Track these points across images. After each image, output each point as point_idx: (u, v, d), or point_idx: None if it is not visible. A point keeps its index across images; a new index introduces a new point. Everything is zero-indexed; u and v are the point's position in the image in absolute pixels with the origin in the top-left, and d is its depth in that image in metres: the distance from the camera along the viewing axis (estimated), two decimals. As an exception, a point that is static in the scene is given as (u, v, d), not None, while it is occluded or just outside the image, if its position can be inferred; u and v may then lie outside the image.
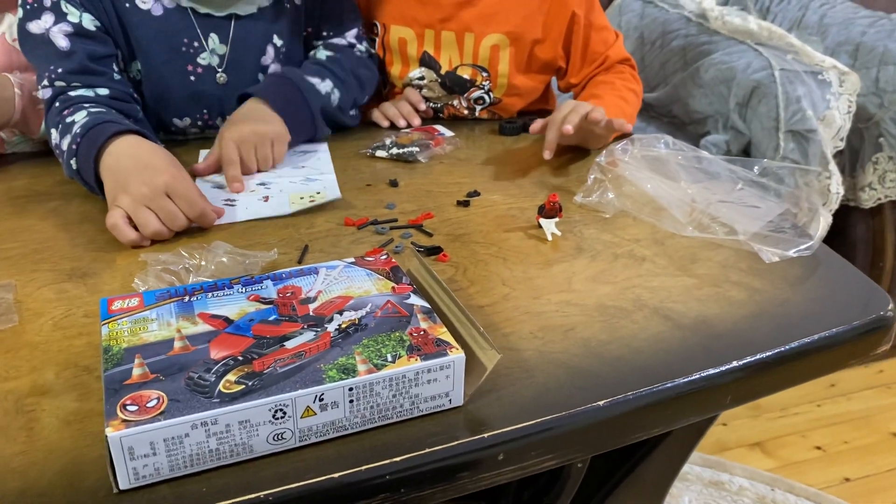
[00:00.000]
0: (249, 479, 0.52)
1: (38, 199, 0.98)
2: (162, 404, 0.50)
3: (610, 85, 1.23)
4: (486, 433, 0.56)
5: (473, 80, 1.25)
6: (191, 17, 1.07)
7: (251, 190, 0.99)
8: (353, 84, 1.19)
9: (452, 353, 0.56)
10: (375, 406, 0.55)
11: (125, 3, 1.04)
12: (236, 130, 1.00)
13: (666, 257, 0.82)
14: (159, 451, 0.50)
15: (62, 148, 0.95)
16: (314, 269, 0.68)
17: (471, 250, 0.83)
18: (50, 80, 1.00)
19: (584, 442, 0.60)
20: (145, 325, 0.58)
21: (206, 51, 1.09)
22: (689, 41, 1.94)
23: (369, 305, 0.62)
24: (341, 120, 1.18)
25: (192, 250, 0.76)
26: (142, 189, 0.83)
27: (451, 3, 1.21)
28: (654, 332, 0.68)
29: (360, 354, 0.56)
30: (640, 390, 0.61)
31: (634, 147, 0.96)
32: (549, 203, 0.85)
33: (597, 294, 0.74)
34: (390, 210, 0.94)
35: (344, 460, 0.53)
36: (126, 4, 1.04)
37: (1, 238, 0.86)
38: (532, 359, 0.64)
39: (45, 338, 0.67)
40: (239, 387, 0.52)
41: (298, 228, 0.88)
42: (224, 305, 0.62)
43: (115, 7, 1.03)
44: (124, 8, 1.04)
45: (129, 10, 1.04)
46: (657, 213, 0.89)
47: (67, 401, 0.59)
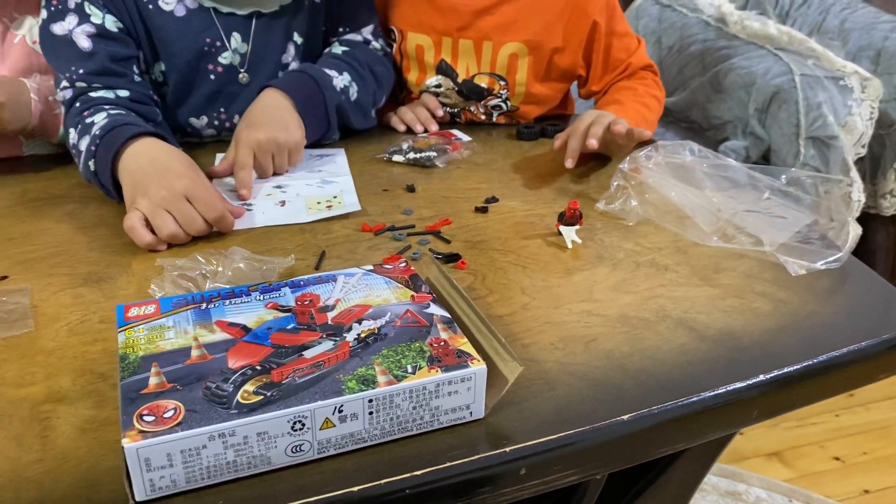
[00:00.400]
0: (267, 491, 0.51)
1: (55, 202, 0.97)
2: (179, 415, 0.49)
3: (632, 91, 1.22)
4: (508, 447, 0.55)
5: (491, 89, 1.24)
6: (213, 16, 1.07)
7: (267, 194, 0.98)
8: (371, 80, 1.18)
9: (474, 365, 0.55)
10: (395, 418, 0.54)
11: (148, 5, 1.03)
12: (253, 136, 1.00)
13: (689, 267, 0.80)
14: (176, 463, 0.49)
15: (80, 148, 0.94)
16: (332, 277, 0.67)
17: (489, 258, 0.82)
18: (71, 80, 1.00)
19: (607, 457, 0.59)
20: (162, 333, 0.58)
21: (228, 50, 1.08)
22: (707, 46, 1.92)
23: (388, 314, 0.61)
24: (358, 118, 1.17)
25: (209, 256, 0.75)
26: (161, 192, 0.82)
27: (470, 11, 1.20)
28: (678, 344, 0.67)
29: (379, 365, 0.55)
30: (665, 404, 0.59)
31: (658, 154, 0.94)
32: (569, 210, 0.84)
33: (619, 304, 0.73)
34: (407, 216, 0.93)
35: (363, 473, 0.52)
36: (149, 6, 1.03)
37: (17, 241, 0.86)
38: (553, 370, 0.63)
39: (61, 343, 0.66)
40: (257, 397, 0.51)
41: (315, 234, 0.88)
42: (242, 313, 0.61)
43: (139, 9, 1.03)
44: (147, 10, 1.03)
45: (152, 12, 1.04)
46: (681, 222, 0.87)
47: (83, 408, 0.58)
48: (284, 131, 1.02)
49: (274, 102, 1.04)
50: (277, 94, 1.05)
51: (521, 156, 1.13)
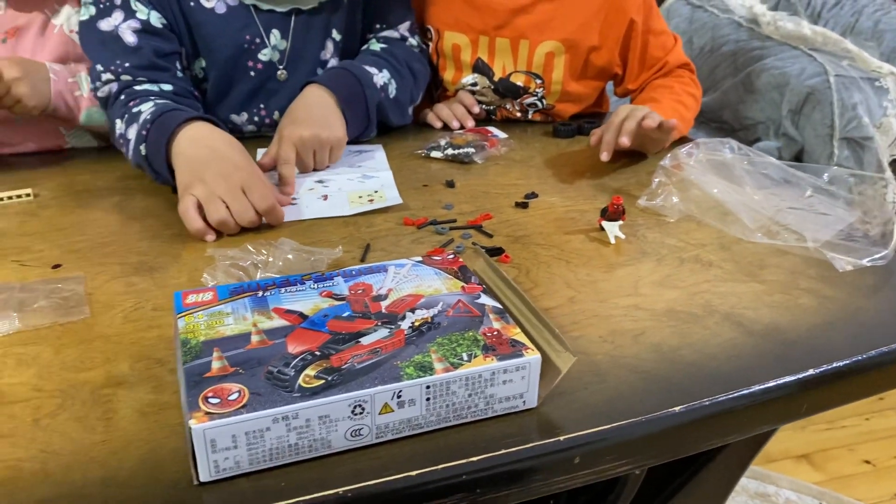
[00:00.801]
0: (326, 475, 0.51)
1: (101, 193, 0.99)
2: (243, 397, 0.50)
3: (668, 89, 1.22)
4: (562, 436, 0.55)
5: (527, 87, 1.24)
6: (253, 13, 1.08)
7: (310, 188, 0.99)
8: (409, 77, 1.19)
9: (528, 354, 0.56)
10: (451, 405, 0.55)
11: (189, 2, 1.05)
12: (297, 133, 1.01)
13: (733, 263, 0.80)
14: (240, 445, 0.50)
15: (128, 137, 0.96)
16: (383, 267, 0.68)
17: (532, 252, 0.83)
18: (116, 73, 1.01)
19: (659, 447, 0.59)
20: (221, 319, 0.59)
21: (268, 47, 1.10)
22: (739, 46, 1.91)
23: (440, 304, 0.62)
24: (396, 115, 1.18)
25: (259, 246, 0.76)
26: (219, 182, 0.84)
27: (506, 10, 1.20)
28: (726, 339, 0.67)
29: (435, 352, 0.55)
30: (716, 397, 0.59)
31: (699, 151, 0.94)
32: (612, 206, 0.84)
33: (665, 299, 0.73)
34: (448, 210, 0.93)
35: (420, 459, 0.53)
36: (191, 3, 1.05)
37: (67, 231, 0.88)
38: (603, 363, 0.63)
39: (117, 330, 0.68)
40: (319, 381, 0.52)
41: (359, 227, 0.89)
42: (297, 301, 0.62)
43: (181, 5, 1.05)
44: (189, 6, 1.05)
45: (193, 9, 1.05)
46: (723, 218, 0.87)
47: (142, 392, 0.59)
48: (327, 128, 1.03)
49: (317, 99, 1.06)
50: (321, 90, 1.06)
51: (559, 153, 1.13)
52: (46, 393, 0.59)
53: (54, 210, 0.94)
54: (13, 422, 0.56)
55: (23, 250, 0.83)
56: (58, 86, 1.06)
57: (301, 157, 1.01)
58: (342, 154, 1.07)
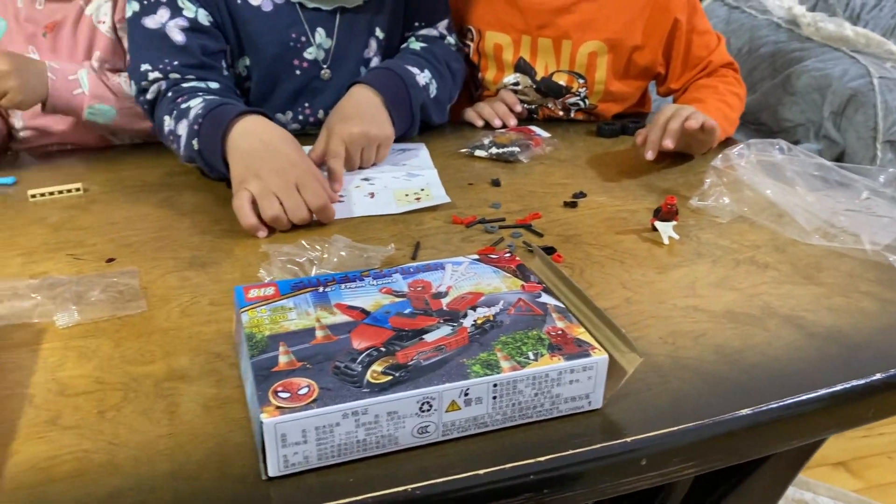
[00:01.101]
0: (393, 471, 0.51)
1: (149, 189, 1.00)
2: (313, 392, 0.50)
3: (712, 89, 1.20)
4: (629, 437, 0.54)
5: (569, 87, 1.23)
6: (299, 12, 1.08)
7: (356, 186, 0.99)
8: (448, 76, 1.19)
9: (595, 355, 0.55)
10: (517, 404, 0.54)
11: (236, 0, 1.05)
12: (347, 129, 1.01)
13: (789, 265, 0.79)
14: (310, 440, 0.49)
15: (178, 133, 0.96)
16: (440, 265, 0.67)
17: (584, 252, 0.82)
18: (164, 72, 1.02)
19: (726, 450, 0.58)
20: (284, 314, 0.59)
21: (313, 45, 1.10)
22: (778, 48, 1.89)
23: (501, 302, 0.61)
24: (436, 114, 1.18)
25: (314, 242, 0.76)
26: (274, 178, 0.84)
27: (549, 10, 1.19)
28: (788, 341, 0.66)
29: (500, 351, 0.55)
30: (783, 400, 0.58)
31: (750, 151, 0.93)
32: (665, 206, 0.83)
33: (723, 300, 0.72)
34: (496, 209, 0.93)
35: (486, 457, 0.52)
36: (237, 0, 1.05)
37: (119, 226, 0.88)
38: (665, 364, 0.63)
39: (175, 324, 0.68)
40: (386, 377, 0.52)
41: (409, 225, 0.88)
42: (358, 297, 0.61)
43: (228, 3, 1.05)
44: (235, 4, 1.05)
45: (240, 7, 1.05)
46: (778, 219, 0.86)
47: (205, 386, 0.59)
48: (377, 125, 1.03)
49: (365, 99, 1.06)
50: (368, 90, 1.06)
51: (604, 152, 1.12)
52: (109, 385, 0.60)
53: (104, 205, 0.95)
54: (79, 413, 0.56)
55: (76, 244, 0.83)
56: (56, 84, 1.06)
57: (349, 154, 1.01)
58: (388, 152, 1.07)
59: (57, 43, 1.12)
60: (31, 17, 1.11)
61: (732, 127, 1.19)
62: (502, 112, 1.23)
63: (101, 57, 1.12)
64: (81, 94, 1.08)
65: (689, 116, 1.01)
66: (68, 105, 1.08)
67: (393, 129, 1.06)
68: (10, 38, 1.12)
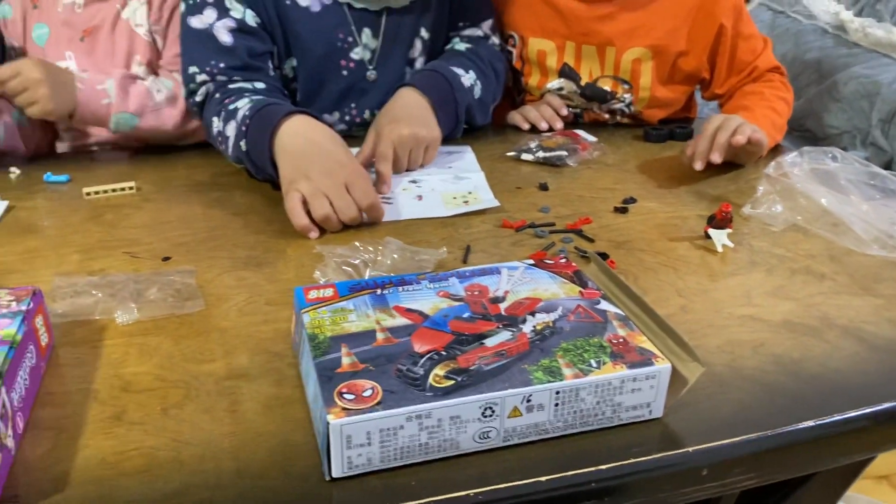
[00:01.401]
0: (455, 476, 0.51)
1: (200, 188, 1.01)
2: (377, 395, 0.50)
3: (759, 95, 1.19)
4: (690, 447, 0.54)
5: (614, 93, 1.22)
6: (346, 12, 1.09)
7: (403, 188, 1.00)
8: (492, 76, 1.19)
9: (658, 363, 0.55)
10: (578, 411, 0.54)
11: (285, 0, 1.06)
12: (396, 131, 1.01)
13: (846, 275, 0.78)
14: (374, 442, 0.50)
15: (226, 134, 0.97)
16: (496, 269, 0.67)
17: (637, 258, 0.81)
18: (211, 74, 1.03)
19: (788, 462, 0.57)
20: (345, 316, 0.59)
21: (359, 45, 1.10)
22: (825, 53, 1.86)
23: (560, 308, 0.61)
24: (480, 115, 1.17)
25: (367, 244, 0.77)
26: (324, 179, 0.84)
27: (592, 17, 1.18)
28: (849, 353, 0.65)
29: (562, 358, 0.55)
30: (848, 413, 0.58)
31: (803, 159, 0.92)
32: (720, 213, 0.82)
33: (780, 310, 0.71)
34: (545, 214, 0.93)
35: (547, 464, 0.52)
36: (286, 1, 1.06)
37: (173, 224, 0.89)
38: (724, 374, 0.62)
39: (233, 323, 0.69)
40: (449, 382, 0.52)
41: (458, 228, 0.88)
42: (416, 300, 0.62)
43: (276, 3, 1.06)
44: (284, 5, 1.06)
45: (288, 7, 1.06)
46: (834, 229, 0.85)
47: (265, 385, 0.60)
48: (425, 128, 1.04)
49: (413, 101, 1.06)
50: (415, 93, 1.06)
51: (652, 157, 1.12)
52: (171, 383, 0.60)
53: (157, 203, 0.96)
54: (143, 410, 0.57)
55: (132, 242, 0.85)
56: (84, 94, 1.07)
57: (397, 156, 1.01)
58: (436, 154, 1.08)
59: (94, 47, 1.13)
60: (70, 22, 1.13)
61: (781, 133, 1.18)
62: (548, 115, 1.22)
63: (141, 61, 1.14)
64: (109, 104, 1.09)
65: (737, 130, 1.00)
66: (95, 115, 1.09)
67: (440, 130, 1.06)
68: (51, 43, 1.13)
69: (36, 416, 0.57)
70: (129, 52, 1.14)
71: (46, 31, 1.14)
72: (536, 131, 1.22)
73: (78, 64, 1.13)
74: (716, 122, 1.03)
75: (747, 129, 1.00)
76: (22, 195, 0.99)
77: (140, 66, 1.14)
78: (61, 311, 0.69)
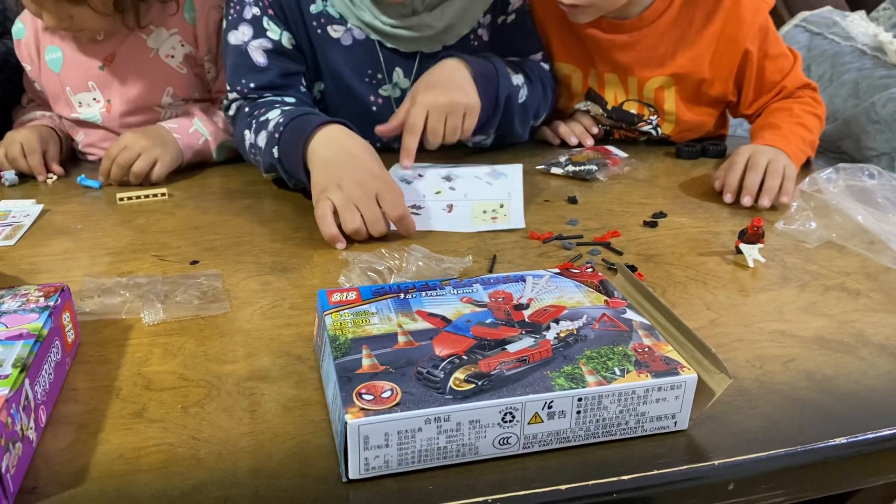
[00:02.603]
0: (473, 481, 0.50)
1: (232, 196, 1.02)
2: (396, 396, 0.50)
3: (787, 112, 1.14)
4: (717, 461, 0.52)
5: (641, 115, 1.21)
6: (377, 50, 1.09)
7: (436, 191, 0.99)
8: (539, 88, 1.17)
9: (684, 373, 0.53)
10: (601, 420, 0.53)
11: (317, 29, 1.06)
12: (431, 98, 0.98)
13: (882, 293, 0.76)
14: (391, 444, 0.49)
15: (258, 145, 0.98)
16: (521, 277, 0.67)
17: (666, 272, 0.80)
18: (241, 92, 1.04)
19: (818, 480, 0.55)
20: (367, 318, 0.59)
21: (389, 84, 1.11)
22: (863, 74, 1.83)
23: (585, 317, 0.60)
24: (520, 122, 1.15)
25: (392, 251, 0.77)
26: (355, 190, 0.84)
27: (610, 46, 1.16)
28: (884, 371, 0.63)
29: (585, 365, 0.54)
30: (880, 431, 0.56)
31: (839, 176, 0.90)
32: (752, 228, 0.81)
33: (813, 326, 0.69)
34: (573, 226, 0.92)
35: (567, 473, 0.51)
36: (318, 31, 1.06)
37: (202, 230, 0.90)
38: (753, 388, 0.60)
39: (256, 325, 0.69)
40: (469, 385, 0.51)
41: (485, 238, 0.88)
42: (439, 305, 0.61)
43: (309, 31, 1.06)
44: (316, 33, 1.07)
45: (321, 37, 1.07)
46: (869, 246, 0.83)
47: (285, 387, 0.60)
48: (463, 93, 1.00)
49: (453, 67, 1.03)
50: (457, 61, 1.04)
51: (684, 174, 1.10)
52: (193, 382, 0.61)
53: (188, 210, 0.97)
54: (164, 408, 0.57)
55: (161, 246, 0.86)
56: (184, 141, 1.09)
57: (433, 124, 0.98)
58: (475, 122, 1.03)
59: (116, 75, 1.12)
60: (88, 49, 1.12)
61: (812, 148, 1.14)
62: (579, 132, 1.22)
63: (175, 93, 1.14)
64: (206, 141, 1.12)
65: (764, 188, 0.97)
66: (200, 154, 1.12)
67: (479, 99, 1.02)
68: (67, 70, 1.13)
69: (58, 411, 0.57)
70: (159, 84, 1.14)
71: (60, 55, 1.13)
72: (566, 146, 1.21)
73: (103, 94, 1.13)
74: (745, 154, 1.01)
75: (774, 182, 0.97)
76: (57, 199, 1.01)
77: (171, 97, 1.14)
78: (89, 310, 0.70)
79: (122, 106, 1.13)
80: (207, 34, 1.14)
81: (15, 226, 0.91)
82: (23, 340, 0.55)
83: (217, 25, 1.14)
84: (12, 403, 0.49)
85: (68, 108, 1.14)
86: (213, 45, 1.15)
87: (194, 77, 1.16)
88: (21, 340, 0.55)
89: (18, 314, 0.59)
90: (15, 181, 1.07)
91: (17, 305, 0.60)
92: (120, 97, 1.12)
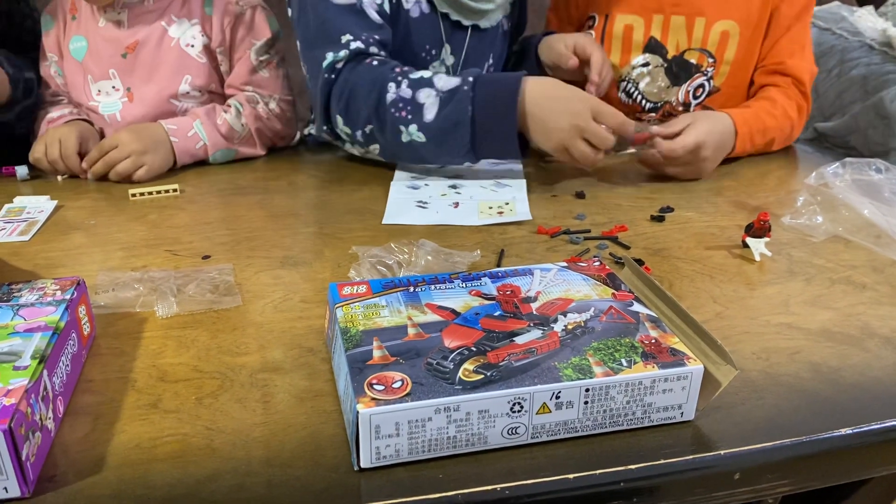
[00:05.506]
0: (482, 470, 0.51)
1: (242, 192, 1.03)
2: (407, 386, 0.51)
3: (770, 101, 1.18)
4: (722, 451, 0.53)
5: (699, 66, 1.22)
6: (440, 24, 1.10)
7: (442, 193, 1.00)
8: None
9: (691, 364, 0.54)
10: (608, 410, 0.54)
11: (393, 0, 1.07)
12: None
13: (889, 286, 0.76)
14: (402, 433, 0.50)
15: (418, 100, 0.97)
16: (529, 270, 0.67)
17: (673, 265, 0.81)
18: (367, 43, 1.02)
19: (823, 470, 0.56)
20: (377, 311, 0.60)
21: (438, 61, 1.12)
22: (871, 70, 1.83)
23: (592, 309, 0.61)
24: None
25: (402, 246, 0.78)
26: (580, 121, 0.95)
27: None
28: (890, 362, 0.64)
29: (593, 356, 0.55)
30: (885, 422, 0.56)
31: (845, 170, 0.91)
32: (758, 221, 0.81)
33: (819, 319, 0.70)
34: (581, 221, 0.92)
35: (575, 462, 0.52)
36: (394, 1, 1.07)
37: (214, 225, 0.91)
38: (759, 380, 0.61)
39: (268, 318, 0.70)
40: (478, 376, 0.52)
41: (492, 233, 0.89)
42: (448, 298, 0.62)
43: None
44: (393, 2, 1.07)
45: (395, 6, 1.07)
46: (876, 240, 0.83)
47: (297, 378, 0.61)
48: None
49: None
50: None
51: (691, 169, 1.11)
52: (206, 374, 0.62)
53: (199, 205, 0.98)
54: (178, 399, 0.58)
55: (174, 241, 0.87)
56: (180, 145, 1.11)
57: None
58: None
59: (138, 64, 1.14)
60: (112, 38, 1.13)
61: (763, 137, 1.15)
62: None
63: (193, 82, 1.15)
64: (203, 146, 1.13)
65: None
66: (195, 157, 1.14)
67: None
68: (91, 58, 1.14)
69: (75, 402, 0.58)
70: (178, 72, 1.15)
71: (84, 44, 1.14)
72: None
73: (123, 82, 1.15)
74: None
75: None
76: (70, 195, 1.02)
77: (189, 85, 1.15)
78: (104, 304, 0.71)
79: (140, 94, 1.14)
80: (222, 27, 1.16)
81: (30, 221, 0.93)
82: (41, 332, 0.56)
83: (232, 22, 1.15)
84: (32, 394, 0.50)
85: (85, 96, 1.15)
86: (225, 39, 1.16)
87: (212, 69, 1.17)
88: (39, 332, 0.56)
89: (36, 307, 0.60)
90: (27, 176, 1.09)
91: (34, 299, 0.61)
92: (139, 84, 1.14)
